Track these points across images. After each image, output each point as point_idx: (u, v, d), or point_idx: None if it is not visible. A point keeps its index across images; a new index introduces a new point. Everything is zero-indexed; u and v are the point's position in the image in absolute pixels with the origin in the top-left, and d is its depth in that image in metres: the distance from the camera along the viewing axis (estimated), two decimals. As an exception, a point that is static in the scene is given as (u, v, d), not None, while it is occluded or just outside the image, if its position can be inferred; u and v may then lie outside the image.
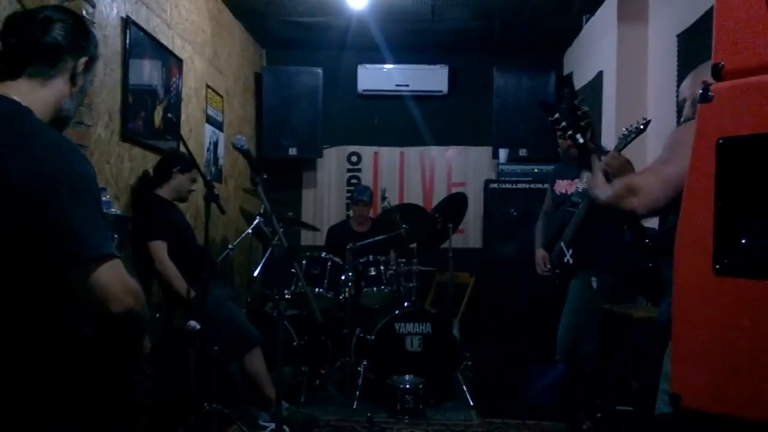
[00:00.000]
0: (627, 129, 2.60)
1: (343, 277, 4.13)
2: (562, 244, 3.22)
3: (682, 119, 2.00)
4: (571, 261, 3.16)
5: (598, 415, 3.18)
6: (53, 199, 1.20)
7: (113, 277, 1.24)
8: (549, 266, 3.39)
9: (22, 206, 1.19)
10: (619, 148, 2.69)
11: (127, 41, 3.06)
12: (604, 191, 1.96)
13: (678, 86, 3.04)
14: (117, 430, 1.50)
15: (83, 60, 1.40)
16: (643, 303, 3.37)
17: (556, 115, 2.38)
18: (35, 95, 1.32)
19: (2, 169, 1.19)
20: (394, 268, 4.19)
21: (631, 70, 3.90)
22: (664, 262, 1.92)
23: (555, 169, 3.61)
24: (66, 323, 1.31)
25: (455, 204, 4.47)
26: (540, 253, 3.50)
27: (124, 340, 1.42)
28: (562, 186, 3.39)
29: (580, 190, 3.20)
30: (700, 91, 1.28)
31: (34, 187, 1.19)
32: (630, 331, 3.05)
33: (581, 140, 2.45)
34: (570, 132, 2.34)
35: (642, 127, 2.56)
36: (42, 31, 1.33)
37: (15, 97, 1.30)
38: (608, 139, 4.02)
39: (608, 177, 2.11)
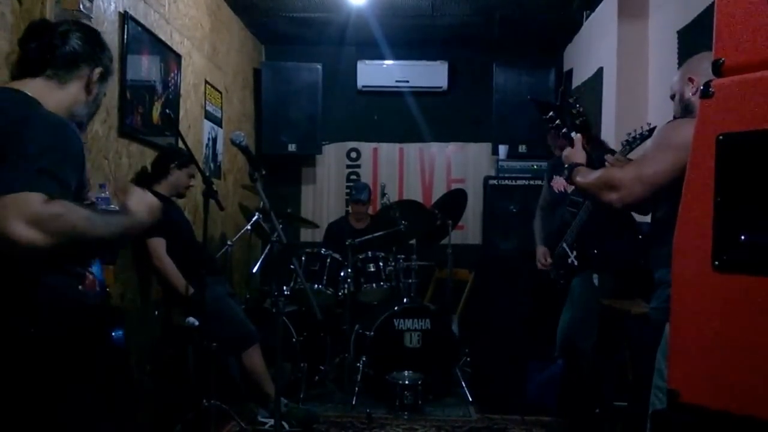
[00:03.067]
0: (631, 135, 2.55)
1: (342, 274, 4.13)
2: (565, 245, 3.20)
3: (673, 117, 2.00)
4: (575, 263, 3.16)
5: (596, 410, 3.19)
6: (22, 136, 1.25)
7: (16, 206, 1.17)
8: (550, 261, 3.37)
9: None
10: (624, 154, 2.66)
11: (125, 37, 3.04)
12: (584, 177, 1.99)
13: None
14: (117, 427, 1.50)
15: (98, 70, 1.49)
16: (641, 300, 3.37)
17: (550, 114, 2.37)
18: (50, 94, 1.39)
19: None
20: (393, 264, 4.19)
21: (631, 66, 3.89)
22: (654, 255, 1.92)
23: (551, 164, 3.58)
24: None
25: (455, 200, 4.46)
26: (541, 249, 3.49)
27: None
28: (561, 183, 3.37)
29: None
30: (701, 87, 1.28)
31: (12, 129, 1.25)
32: (628, 327, 3.05)
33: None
34: (564, 130, 2.34)
35: (647, 133, 2.51)
36: (61, 40, 1.43)
37: (27, 92, 1.36)
38: (608, 136, 4.02)
39: (592, 163, 2.14)
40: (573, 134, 2.39)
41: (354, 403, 3.69)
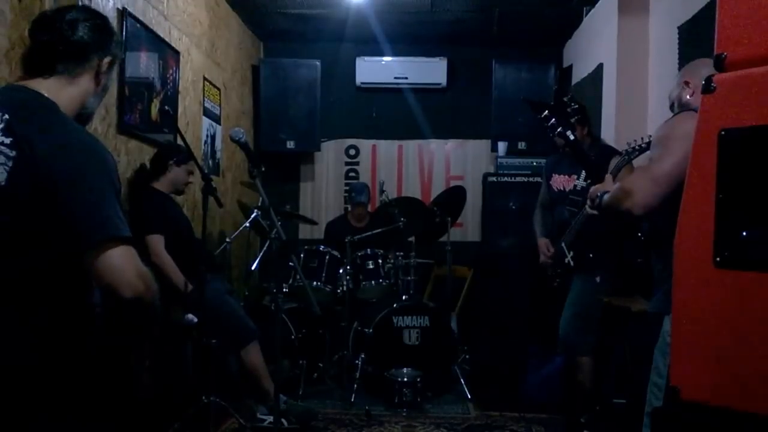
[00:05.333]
0: (630, 146, 2.52)
1: (341, 271, 4.13)
2: (563, 245, 3.19)
3: None
4: (572, 263, 3.15)
5: (596, 408, 3.18)
6: (75, 180, 1.27)
7: (126, 260, 1.27)
8: (552, 252, 3.34)
9: (46, 184, 1.25)
10: (621, 165, 2.63)
11: (124, 33, 3.03)
12: (605, 197, 1.99)
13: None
14: (117, 423, 1.52)
15: (107, 59, 1.47)
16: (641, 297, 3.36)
17: (545, 113, 2.35)
18: (63, 92, 1.40)
19: (30, 147, 1.25)
20: (392, 261, 4.19)
21: (631, 62, 3.87)
22: (655, 259, 1.93)
23: (550, 161, 3.54)
24: (77, 303, 1.33)
25: (454, 197, 4.46)
26: (543, 240, 3.44)
27: (134, 326, 1.44)
28: (560, 182, 3.35)
29: (578, 188, 3.17)
30: (703, 82, 1.27)
31: (59, 167, 1.25)
32: (628, 324, 3.05)
33: (572, 137, 2.42)
34: (559, 129, 2.32)
35: (645, 145, 2.50)
36: (71, 30, 1.41)
37: (43, 92, 1.37)
38: (608, 133, 4.01)
39: (588, 159, 2.13)
40: (568, 133, 2.37)
41: (353, 400, 3.69)
